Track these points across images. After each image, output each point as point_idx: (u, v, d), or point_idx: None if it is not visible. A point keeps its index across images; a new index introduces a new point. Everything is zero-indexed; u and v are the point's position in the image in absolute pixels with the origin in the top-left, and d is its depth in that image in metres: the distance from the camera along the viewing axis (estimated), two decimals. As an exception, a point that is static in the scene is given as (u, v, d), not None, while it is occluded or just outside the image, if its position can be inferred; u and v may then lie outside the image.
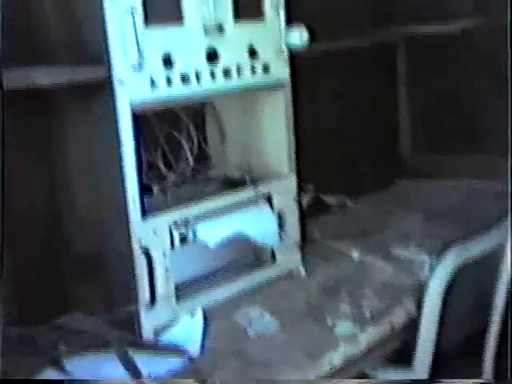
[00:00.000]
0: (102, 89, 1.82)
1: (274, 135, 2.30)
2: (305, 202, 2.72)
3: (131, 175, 1.86)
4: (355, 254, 2.43)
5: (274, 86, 2.21)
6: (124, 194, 1.86)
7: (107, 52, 1.80)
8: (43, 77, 1.75)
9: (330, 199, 2.85)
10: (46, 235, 2.08)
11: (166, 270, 1.96)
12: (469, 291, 2.21)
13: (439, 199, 2.96)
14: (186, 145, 2.22)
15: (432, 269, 2.17)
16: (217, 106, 2.37)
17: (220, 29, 2.01)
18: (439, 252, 2.13)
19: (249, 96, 2.25)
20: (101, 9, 1.78)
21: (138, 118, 1.96)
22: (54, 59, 1.93)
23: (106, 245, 1.96)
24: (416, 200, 3.01)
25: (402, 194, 3.14)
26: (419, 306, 2.10)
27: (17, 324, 1.84)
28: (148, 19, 1.85)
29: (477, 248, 2.14)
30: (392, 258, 2.40)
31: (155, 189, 2.15)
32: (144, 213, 1.91)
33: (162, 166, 2.18)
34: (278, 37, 2.17)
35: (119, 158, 1.84)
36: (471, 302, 2.23)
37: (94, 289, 2.00)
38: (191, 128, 2.24)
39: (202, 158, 2.37)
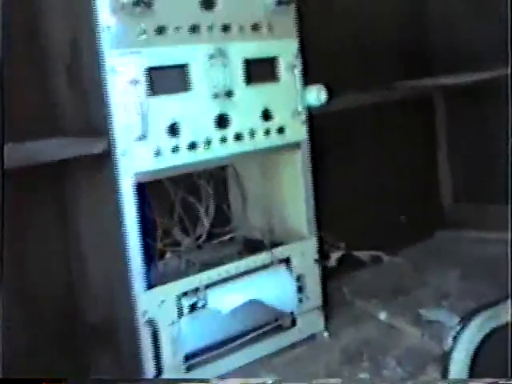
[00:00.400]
0: (105, 160, 1.83)
1: (292, 196, 2.25)
2: (334, 259, 2.66)
3: (134, 247, 1.85)
4: (383, 316, 2.34)
5: (291, 148, 2.18)
6: (127, 265, 1.85)
7: (110, 123, 1.81)
8: (45, 152, 1.77)
9: (363, 255, 2.76)
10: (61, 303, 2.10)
11: (174, 340, 1.93)
12: (498, 359, 2.10)
13: (479, 253, 2.83)
14: (201, 209, 2.20)
15: (459, 335, 2.07)
16: (238, 167, 2.35)
17: (230, 94, 1.99)
18: (468, 316, 2.03)
19: (267, 156, 2.22)
20: (103, 80, 1.80)
21: (153, 183, 1.97)
22: (59, 130, 1.97)
23: (113, 316, 1.95)
24: (455, 254, 2.89)
25: (440, 246, 3.03)
26: (444, 375, 2.00)
27: None
28: (153, 88, 1.86)
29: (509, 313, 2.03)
30: (421, 320, 2.30)
31: (168, 255, 2.13)
32: (150, 284, 1.90)
33: (176, 230, 2.16)
34: (293, 98, 2.14)
35: (122, 230, 1.84)
36: (501, 372, 2.11)
37: (104, 358, 1.99)
38: (208, 191, 2.22)
39: (223, 219, 2.35)
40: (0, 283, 1.62)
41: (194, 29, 1.93)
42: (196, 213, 2.22)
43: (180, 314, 1.94)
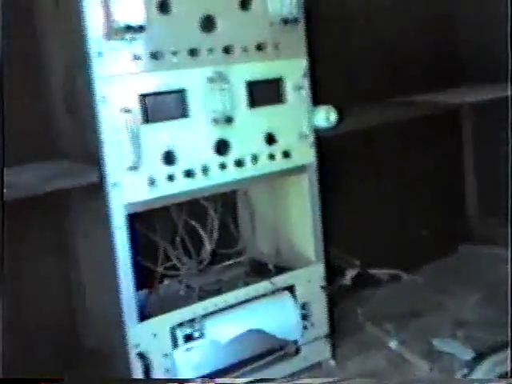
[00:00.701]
0: (97, 191, 1.78)
1: (299, 220, 2.17)
2: (350, 277, 2.57)
3: (126, 279, 1.79)
4: (393, 345, 2.25)
5: (297, 171, 2.08)
6: (119, 297, 1.80)
7: (101, 153, 1.75)
8: (37, 184, 1.72)
9: (380, 273, 2.67)
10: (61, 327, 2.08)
11: (168, 371, 1.88)
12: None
13: (502, 274, 2.68)
14: (203, 233, 2.13)
15: (471, 372, 1.98)
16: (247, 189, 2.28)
17: (230, 119, 1.91)
18: (480, 358, 1.95)
19: (274, 179, 2.13)
20: (95, 109, 1.74)
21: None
22: (59, 153, 1.94)
23: (108, 344, 1.91)
24: (477, 273, 2.77)
25: (463, 263, 2.90)
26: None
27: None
28: (147, 116, 1.79)
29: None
30: (432, 351, 2.20)
31: (166, 281, 2.08)
32: (143, 315, 1.85)
33: (175, 255, 2.10)
34: (300, 120, 2.05)
35: (114, 262, 1.79)
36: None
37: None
38: (212, 214, 2.16)
39: (231, 240, 2.29)
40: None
41: (193, 52, 1.85)
42: (199, 237, 2.16)
43: (175, 345, 1.90)
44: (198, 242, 2.16)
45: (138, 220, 1.94)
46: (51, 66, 1.94)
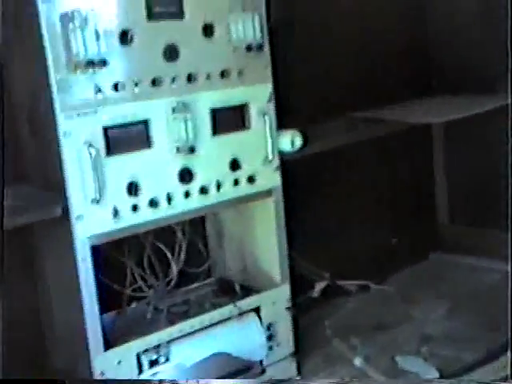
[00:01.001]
0: (61, 223, 1.79)
1: (265, 241, 2.19)
2: (319, 289, 2.61)
3: (91, 309, 1.81)
4: (358, 362, 2.28)
5: (262, 196, 2.10)
6: (84, 326, 1.82)
7: (65, 186, 1.76)
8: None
9: (349, 285, 2.70)
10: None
11: (133, 397, 1.92)
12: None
13: (472, 283, 2.74)
14: (169, 254, 2.15)
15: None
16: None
17: (193, 149, 1.92)
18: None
19: (239, 204, 2.13)
20: (57, 141, 1.74)
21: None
22: (23, 177, 1.95)
23: (75, 370, 1.94)
24: (447, 282, 2.81)
25: (433, 271, 2.94)
26: None
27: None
28: (110, 148, 1.80)
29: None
30: (396, 369, 2.24)
31: (134, 304, 2.11)
32: (108, 343, 1.87)
33: (142, 276, 2.12)
34: (265, 145, 2.05)
35: (78, 293, 1.81)
36: None
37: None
38: (179, 234, 2.17)
39: (200, 258, 2.31)
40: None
41: (156, 82, 1.85)
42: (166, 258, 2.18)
43: (140, 371, 1.92)
44: (165, 262, 2.18)
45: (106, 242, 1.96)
46: (17, 86, 1.92)
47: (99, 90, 1.77)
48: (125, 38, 1.79)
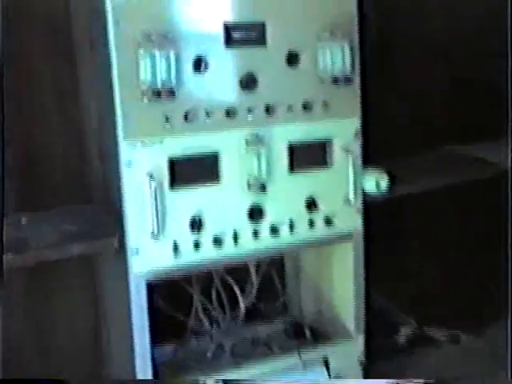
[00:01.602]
0: (117, 256, 1.71)
1: (342, 287, 2.02)
2: (403, 337, 2.41)
3: (141, 341, 1.71)
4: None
5: (340, 239, 1.94)
6: (133, 360, 1.73)
7: (123, 218, 1.67)
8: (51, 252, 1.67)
9: (438, 334, 2.47)
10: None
11: None
12: None
13: None
14: (237, 289, 2.02)
15: None
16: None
17: (264, 186, 1.78)
18: None
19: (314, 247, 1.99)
20: (119, 171, 1.66)
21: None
22: (91, 199, 1.92)
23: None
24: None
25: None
26: None
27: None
28: (175, 181, 1.69)
29: None
30: None
31: (193, 339, 2.00)
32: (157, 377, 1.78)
33: (208, 309, 2.01)
34: (345, 185, 1.88)
35: (129, 323, 1.71)
36: None
37: None
38: (252, 272, 2.04)
39: (274, 297, 2.16)
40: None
41: (230, 113, 1.73)
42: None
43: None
44: (234, 298, 2.07)
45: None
46: (88, 105, 1.90)
47: (167, 120, 1.66)
48: (199, 65, 1.69)
